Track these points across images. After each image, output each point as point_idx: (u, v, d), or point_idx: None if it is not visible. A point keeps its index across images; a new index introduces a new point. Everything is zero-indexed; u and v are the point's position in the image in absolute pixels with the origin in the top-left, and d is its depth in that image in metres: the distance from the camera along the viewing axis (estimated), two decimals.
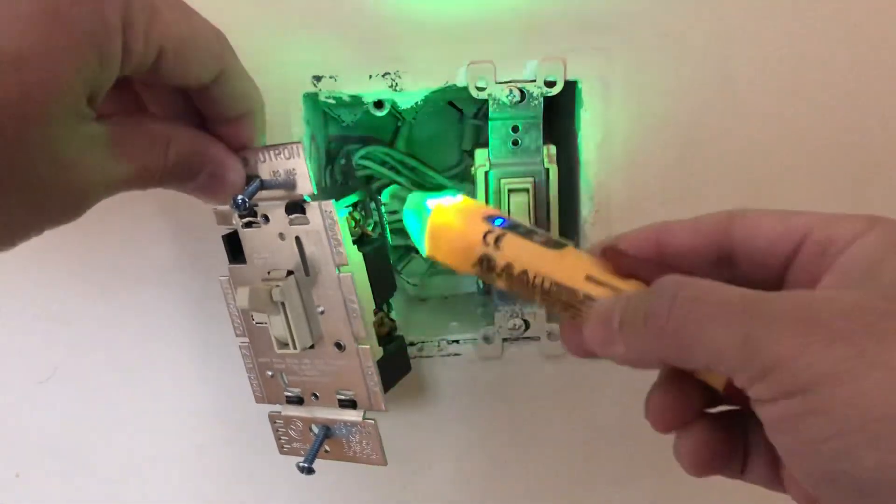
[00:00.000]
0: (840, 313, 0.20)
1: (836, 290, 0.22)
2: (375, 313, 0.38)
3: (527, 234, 0.29)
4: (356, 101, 0.40)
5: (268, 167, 0.33)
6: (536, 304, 0.28)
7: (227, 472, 0.46)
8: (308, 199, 0.34)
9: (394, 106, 0.41)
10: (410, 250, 0.50)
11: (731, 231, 0.26)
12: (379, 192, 0.48)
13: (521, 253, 0.28)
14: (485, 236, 0.29)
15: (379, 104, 0.40)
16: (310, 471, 0.38)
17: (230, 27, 0.30)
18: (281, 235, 0.35)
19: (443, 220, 0.30)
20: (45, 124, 0.24)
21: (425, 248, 0.31)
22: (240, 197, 0.32)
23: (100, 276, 0.41)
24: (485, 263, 0.28)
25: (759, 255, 0.25)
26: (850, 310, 0.20)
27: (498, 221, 0.29)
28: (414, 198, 0.33)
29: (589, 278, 0.27)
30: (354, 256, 0.35)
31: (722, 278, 0.23)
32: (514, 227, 0.29)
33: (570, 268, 0.27)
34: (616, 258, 0.27)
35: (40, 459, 0.45)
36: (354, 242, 0.36)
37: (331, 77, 0.38)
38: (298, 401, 0.39)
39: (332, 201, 0.34)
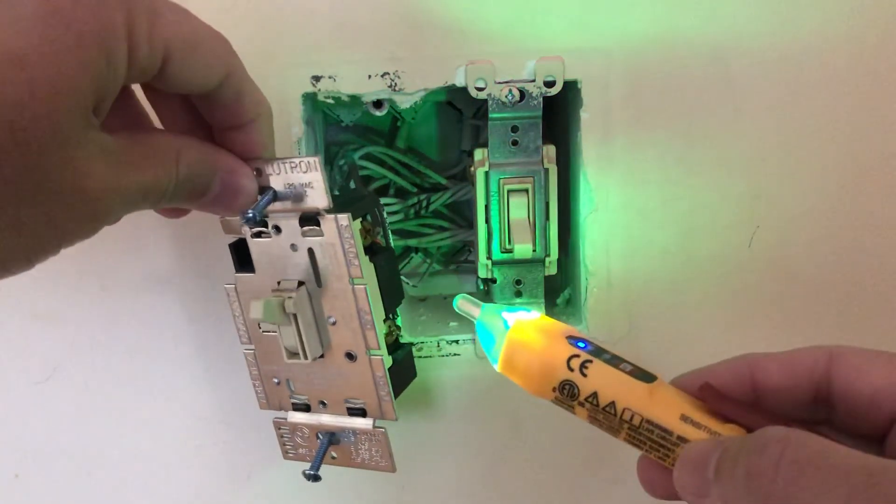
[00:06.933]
0: None
1: None
2: (384, 321, 0.38)
3: (613, 361, 0.27)
4: (355, 101, 0.39)
5: (282, 179, 0.32)
6: (620, 439, 0.27)
7: (228, 475, 0.46)
8: (323, 212, 0.33)
9: (393, 106, 0.41)
10: (409, 251, 0.50)
11: (830, 373, 0.25)
12: (378, 192, 0.48)
13: (609, 383, 0.27)
14: (569, 360, 0.27)
15: (378, 104, 0.40)
16: (316, 478, 0.37)
17: (229, 28, 0.30)
18: (293, 246, 0.35)
19: (523, 336, 0.29)
20: (55, 123, 0.23)
21: (499, 364, 0.30)
22: (250, 212, 0.31)
23: (100, 277, 0.41)
24: (567, 390, 0.27)
25: (862, 405, 0.24)
26: None
27: (582, 344, 0.28)
28: (489, 310, 0.31)
29: (684, 418, 0.25)
30: (367, 268, 0.35)
31: (819, 419, 0.22)
32: (599, 353, 0.27)
33: (664, 404, 0.26)
34: (713, 398, 0.25)
35: (40, 459, 0.45)
36: (365, 252, 0.35)
37: (330, 77, 0.38)
38: (305, 408, 0.39)
39: (348, 215, 0.33)
